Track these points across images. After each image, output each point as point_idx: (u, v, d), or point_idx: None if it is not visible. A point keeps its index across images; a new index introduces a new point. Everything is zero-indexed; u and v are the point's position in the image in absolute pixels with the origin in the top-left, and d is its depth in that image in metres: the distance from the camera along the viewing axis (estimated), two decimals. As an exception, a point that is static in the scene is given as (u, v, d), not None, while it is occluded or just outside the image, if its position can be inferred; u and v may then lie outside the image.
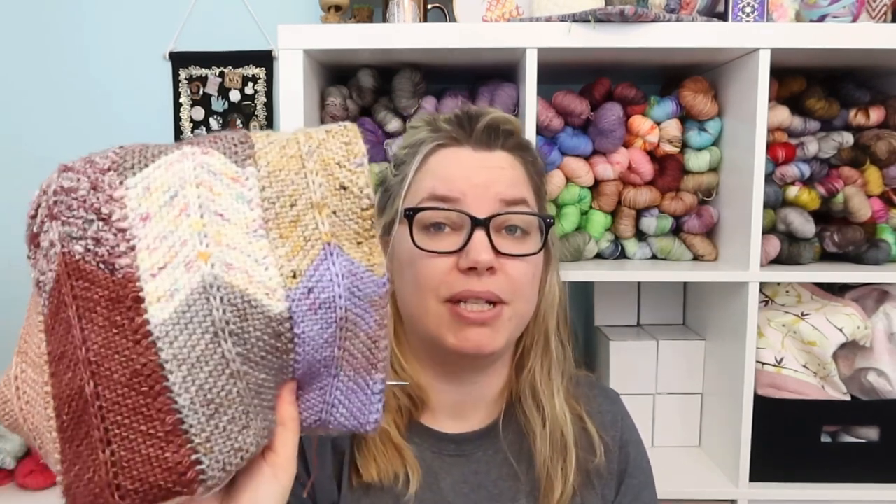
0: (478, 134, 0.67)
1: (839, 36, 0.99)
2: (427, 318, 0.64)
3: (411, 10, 1.14)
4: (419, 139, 0.69)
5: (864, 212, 1.10)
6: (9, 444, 1.13)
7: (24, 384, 0.40)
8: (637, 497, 0.74)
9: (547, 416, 0.69)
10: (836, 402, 1.06)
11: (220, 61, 1.37)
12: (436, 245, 0.64)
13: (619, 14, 0.96)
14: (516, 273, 0.64)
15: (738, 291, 1.05)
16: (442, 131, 0.68)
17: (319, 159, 0.43)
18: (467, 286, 0.62)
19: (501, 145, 0.68)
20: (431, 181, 0.65)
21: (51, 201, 0.40)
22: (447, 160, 0.67)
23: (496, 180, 0.65)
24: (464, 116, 0.69)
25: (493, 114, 0.68)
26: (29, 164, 1.40)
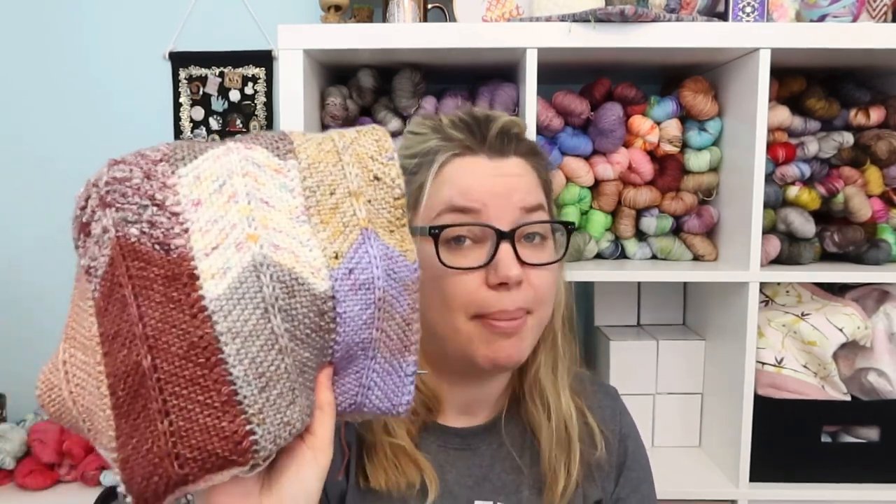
0: (491, 141, 0.65)
1: (839, 36, 0.99)
2: (456, 335, 0.64)
3: (411, 10, 1.14)
4: (430, 148, 0.65)
5: (864, 212, 1.10)
6: (8, 445, 1.14)
7: (73, 367, 0.42)
8: (636, 490, 0.75)
9: (552, 411, 0.70)
10: (836, 402, 1.06)
11: (220, 61, 1.37)
12: (461, 261, 0.62)
13: (619, 14, 0.96)
14: (540, 282, 0.64)
15: (739, 291, 1.05)
16: (454, 140, 0.65)
17: (354, 153, 0.46)
18: (500, 304, 0.62)
19: (514, 151, 0.66)
20: (448, 192, 0.63)
21: (103, 191, 0.41)
22: (463, 170, 0.64)
23: (515, 188, 0.64)
24: (473, 122, 0.66)
25: (503, 118, 0.67)
26: (29, 164, 1.41)
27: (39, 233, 1.41)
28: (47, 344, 1.61)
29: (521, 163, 0.66)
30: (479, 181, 0.63)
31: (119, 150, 1.52)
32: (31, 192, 1.41)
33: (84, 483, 1.14)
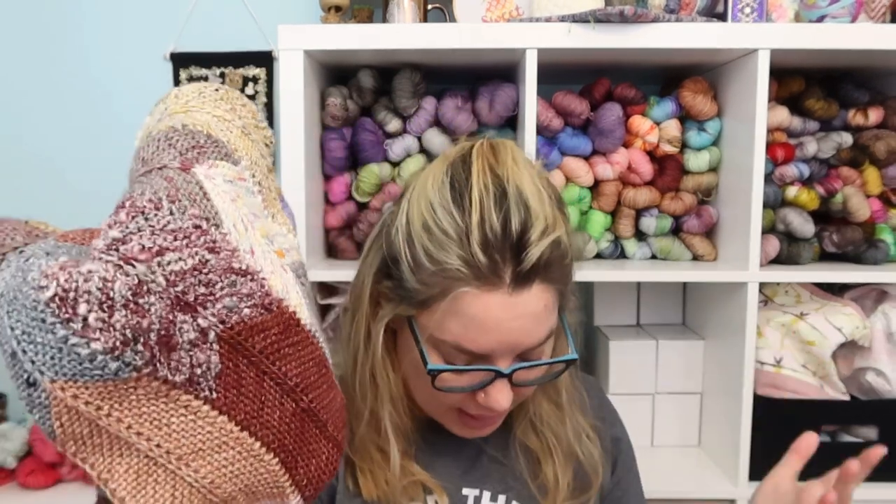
0: (519, 274, 0.57)
1: (838, 36, 0.99)
2: (437, 415, 0.68)
3: (411, 10, 1.14)
4: (448, 266, 0.57)
5: (863, 212, 1.10)
6: (10, 444, 1.14)
7: (203, 478, 0.39)
8: (626, 473, 0.77)
9: (560, 452, 0.71)
10: (835, 401, 1.06)
11: (221, 61, 1.37)
12: (456, 383, 0.62)
13: (618, 14, 0.97)
14: (527, 393, 0.67)
15: (738, 291, 1.05)
16: (475, 267, 0.57)
17: (252, 129, 0.50)
18: (482, 412, 0.63)
19: (541, 277, 0.59)
20: (458, 329, 0.59)
21: (174, 293, 0.36)
22: (478, 310, 0.58)
23: (527, 333, 0.60)
24: (503, 244, 0.57)
25: (539, 247, 0.57)
26: (29, 164, 1.41)
27: (40, 233, 1.41)
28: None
29: (545, 292, 0.60)
30: (492, 329, 0.58)
31: (119, 150, 1.53)
32: (31, 192, 1.41)
33: (85, 482, 1.15)
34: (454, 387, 0.61)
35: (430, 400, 0.66)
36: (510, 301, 0.58)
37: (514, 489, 0.70)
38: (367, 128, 1.11)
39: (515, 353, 0.60)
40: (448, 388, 0.61)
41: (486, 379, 0.60)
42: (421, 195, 0.61)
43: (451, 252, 0.57)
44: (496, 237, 0.57)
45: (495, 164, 0.60)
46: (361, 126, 1.11)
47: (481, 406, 0.62)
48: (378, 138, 1.12)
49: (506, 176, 0.59)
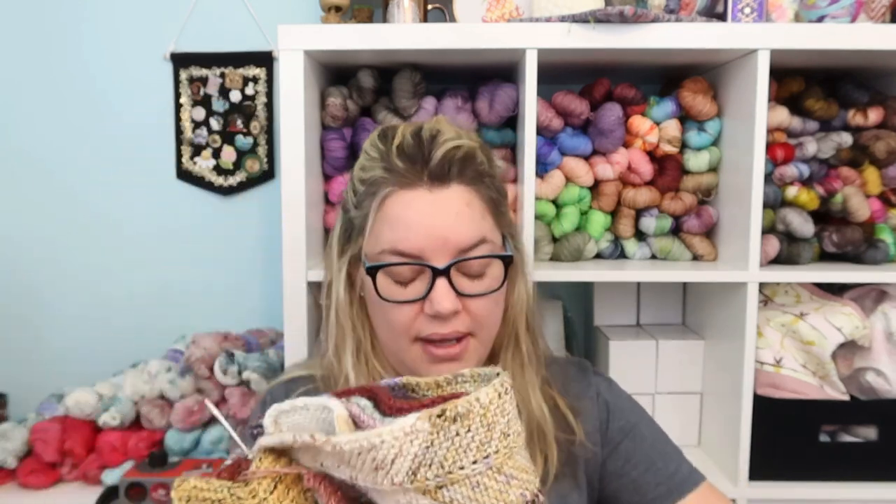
0: (432, 171, 0.66)
1: (838, 36, 0.99)
2: (401, 353, 0.70)
3: (411, 10, 1.14)
4: (374, 178, 0.68)
5: (862, 212, 1.10)
6: (10, 444, 1.14)
7: None
8: (629, 434, 0.75)
9: (522, 412, 0.71)
10: (834, 401, 1.06)
11: (221, 62, 1.37)
12: (401, 294, 0.67)
13: (618, 15, 0.97)
14: (479, 310, 0.68)
15: (738, 291, 1.05)
16: (395, 171, 0.67)
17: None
18: (434, 329, 0.66)
19: (457, 178, 0.67)
20: (390, 233, 0.66)
21: None
22: (403, 209, 0.66)
23: (453, 228, 0.65)
24: (416, 148, 0.67)
25: (447, 144, 0.66)
26: (30, 164, 1.41)
27: (40, 233, 1.41)
28: (48, 344, 1.62)
29: (464, 192, 0.67)
30: (418, 222, 0.65)
31: (120, 150, 1.53)
32: (31, 192, 1.41)
33: (85, 482, 1.15)
34: (398, 298, 0.66)
35: (389, 333, 0.69)
36: (430, 197, 0.66)
37: None
38: (367, 128, 1.11)
39: (449, 253, 0.65)
40: (393, 298, 0.66)
41: (427, 284, 0.65)
42: (361, 154, 0.73)
43: (376, 168, 0.68)
44: (410, 146, 0.67)
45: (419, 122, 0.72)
46: (361, 126, 1.11)
47: (432, 320, 0.65)
48: (378, 138, 1.12)
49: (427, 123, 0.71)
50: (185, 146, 1.40)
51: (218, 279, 1.43)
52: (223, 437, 1.18)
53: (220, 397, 1.18)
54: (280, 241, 1.01)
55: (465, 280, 0.67)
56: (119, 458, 1.14)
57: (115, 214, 1.42)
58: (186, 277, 1.43)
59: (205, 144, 1.40)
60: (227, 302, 1.43)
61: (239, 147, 1.39)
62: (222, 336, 1.24)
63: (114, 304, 1.43)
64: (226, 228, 1.43)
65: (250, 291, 1.44)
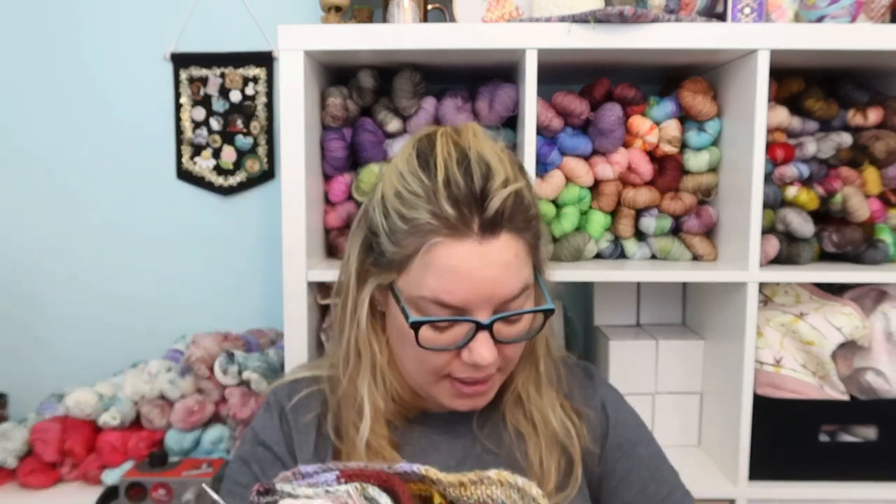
0: (485, 222, 0.62)
1: (838, 37, 0.99)
2: (427, 387, 0.69)
3: (411, 10, 1.14)
4: (419, 221, 0.62)
5: (862, 212, 1.10)
6: (10, 444, 1.14)
7: None
8: (627, 454, 0.74)
9: (540, 428, 0.71)
10: (834, 401, 1.07)
11: (221, 62, 1.37)
12: (439, 341, 0.64)
13: (618, 15, 0.97)
14: (512, 352, 0.67)
15: (737, 291, 1.05)
16: (444, 218, 0.61)
17: None
18: (469, 373, 0.65)
19: (507, 227, 0.63)
20: (435, 282, 0.62)
21: None
22: (451, 260, 0.62)
23: (500, 282, 0.63)
24: (468, 194, 0.62)
25: (501, 193, 0.62)
26: (30, 164, 1.41)
27: (40, 233, 1.41)
28: (48, 344, 1.62)
29: (512, 241, 0.63)
30: (465, 278, 0.62)
31: (120, 150, 1.54)
32: (31, 192, 1.41)
33: (86, 482, 1.15)
34: (437, 345, 0.64)
35: (418, 369, 0.68)
36: (480, 249, 0.62)
37: None
38: (367, 128, 1.11)
39: (493, 305, 0.63)
40: (431, 346, 0.64)
41: (468, 333, 0.63)
42: (392, 170, 0.67)
43: (420, 209, 0.62)
44: (460, 190, 0.62)
45: (457, 138, 0.66)
46: (361, 126, 1.11)
47: (467, 365, 0.64)
48: (378, 138, 1.12)
49: (467, 144, 0.65)
50: (186, 146, 1.40)
51: (218, 279, 1.43)
52: (223, 437, 1.18)
53: (220, 397, 1.19)
54: (280, 241, 1.01)
55: (504, 326, 0.65)
56: (119, 458, 1.14)
57: (115, 214, 1.42)
58: (186, 277, 1.43)
59: (205, 144, 1.40)
60: (227, 302, 1.43)
61: (239, 147, 1.39)
62: (222, 336, 1.24)
63: (114, 305, 1.43)
64: (226, 228, 1.43)
65: (250, 291, 1.44)
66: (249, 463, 0.71)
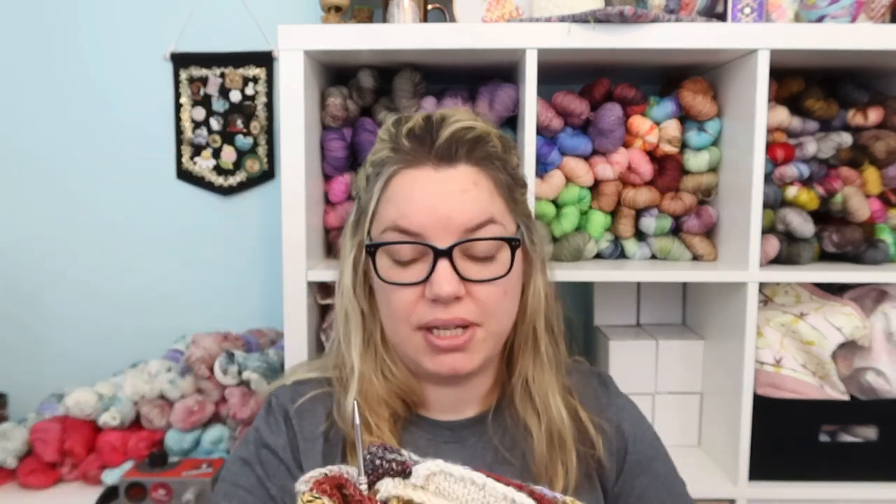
0: (438, 150, 0.64)
1: (838, 37, 0.99)
2: (404, 344, 0.67)
3: (411, 10, 1.14)
4: (381, 158, 0.67)
5: (862, 212, 1.10)
6: (10, 444, 1.14)
7: None
8: (645, 471, 0.73)
9: (542, 417, 0.69)
10: (834, 401, 1.07)
11: (221, 62, 1.37)
12: (401, 276, 0.64)
13: (618, 15, 0.97)
14: (485, 296, 0.64)
15: (738, 291, 1.05)
16: (402, 150, 0.65)
17: None
18: (435, 315, 0.63)
19: (465, 159, 0.65)
20: (393, 210, 0.64)
21: None
22: (407, 186, 0.64)
23: (458, 208, 0.63)
24: (424, 129, 0.66)
25: (455, 125, 0.65)
26: (30, 164, 1.41)
27: (40, 233, 1.41)
28: (48, 344, 1.62)
29: (471, 172, 0.65)
30: (422, 200, 0.63)
31: (120, 150, 1.54)
32: (31, 192, 1.41)
33: (85, 482, 1.15)
34: (399, 280, 0.64)
35: (392, 322, 0.67)
36: (436, 176, 0.64)
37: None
38: (367, 128, 1.11)
39: (452, 234, 0.63)
40: (393, 280, 0.64)
41: (429, 266, 0.63)
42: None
43: (384, 149, 0.68)
44: (419, 127, 0.66)
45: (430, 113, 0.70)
46: (361, 126, 1.11)
47: (433, 306, 0.63)
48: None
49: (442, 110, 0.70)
50: (186, 146, 1.40)
51: (218, 279, 1.43)
52: (223, 437, 1.18)
53: (220, 397, 1.19)
54: (280, 241, 1.01)
55: (471, 264, 0.64)
56: (119, 458, 1.14)
57: (115, 214, 1.42)
58: (186, 277, 1.43)
59: (205, 144, 1.40)
60: (227, 302, 1.43)
61: (239, 147, 1.39)
62: (222, 336, 1.24)
63: (114, 305, 1.43)
64: (226, 228, 1.43)
65: (250, 291, 1.44)
66: (252, 465, 0.68)
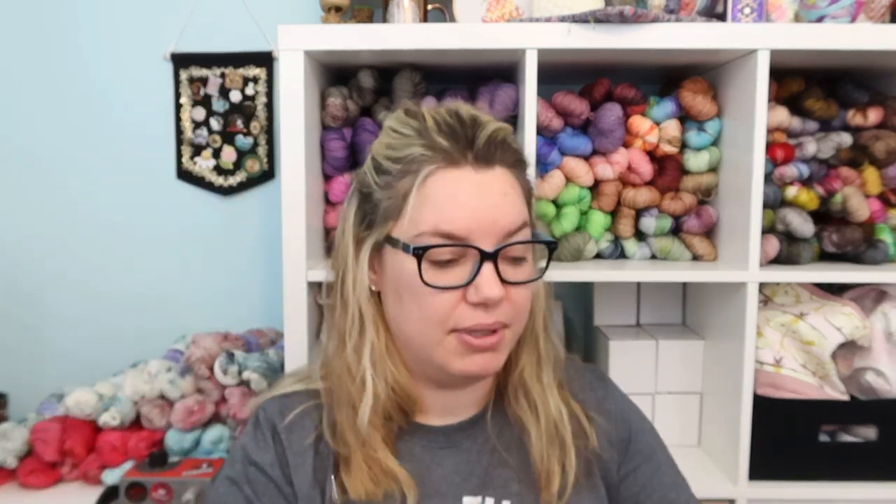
0: (478, 151, 0.63)
1: (838, 37, 0.99)
2: (433, 347, 0.64)
3: (411, 10, 1.14)
4: (414, 157, 0.63)
5: (862, 212, 1.10)
6: (10, 443, 1.14)
7: None
8: (648, 459, 0.73)
9: (541, 414, 0.69)
10: (834, 401, 1.07)
11: (221, 62, 1.37)
12: (443, 279, 0.62)
13: (618, 15, 0.97)
14: (520, 299, 0.65)
15: (737, 291, 1.05)
16: (437, 148, 0.63)
17: None
18: (477, 320, 0.62)
19: (500, 161, 0.64)
20: (434, 214, 0.61)
21: None
22: (448, 187, 0.62)
23: (501, 210, 0.62)
24: (459, 128, 0.64)
25: (491, 124, 0.64)
26: (30, 164, 1.41)
27: (40, 233, 1.41)
28: (48, 344, 1.62)
29: (507, 175, 0.65)
30: (466, 202, 0.62)
31: (120, 150, 1.54)
32: (31, 192, 1.41)
33: (86, 482, 1.15)
34: (441, 283, 0.62)
35: (423, 324, 0.64)
36: (477, 177, 0.62)
37: (519, 494, 0.68)
38: (367, 128, 1.11)
39: (495, 237, 0.62)
40: (435, 284, 0.61)
41: (473, 269, 0.61)
42: (381, 134, 0.69)
43: (413, 146, 0.63)
44: (451, 124, 0.64)
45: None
46: (361, 126, 1.11)
47: (475, 309, 0.61)
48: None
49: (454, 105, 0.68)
50: (186, 146, 1.40)
51: (218, 279, 1.43)
52: (223, 437, 1.18)
53: (220, 397, 1.19)
54: (280, 241, 1.01)
55: (509, 267, 0.63)
56: (119, 458, 1.14)
57: (115, 215, 1.42)
58: (186, 277, 1.43)
59: (205, 144, 1.40)
60: (227, 302, 1.43)
61: (239, 147, 1.39)
62: (222, 336, 1.24)
63: (114, 305, 1.43)
64: (226, 228, 1.43)
65: (250, 291, 1.44)
66: (240, 484, 0.67)
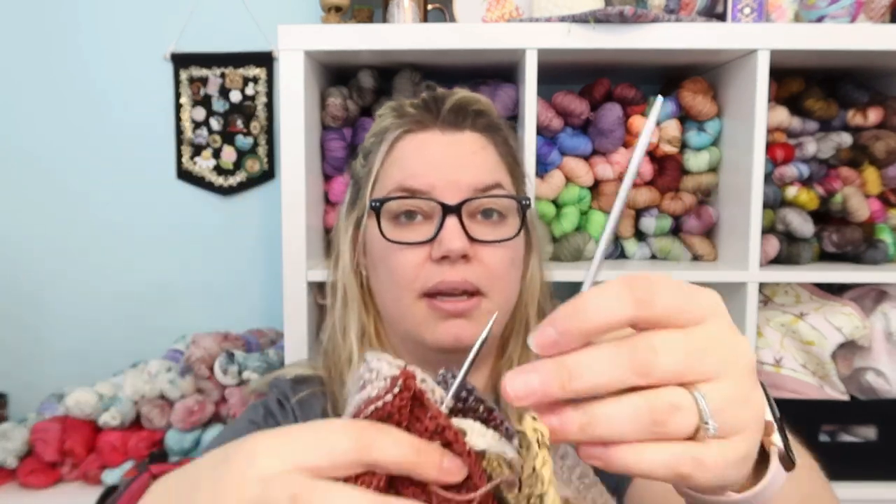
0: (445, 115, 0.64)
1: (838, 37, 0.99)
2: (404, 316, 0.63)
3: (411, 10, 1.14)
4: (384, 126, 0.66)
5: (862, 212, 1.10)
6: (10, 443, 1.14)
7: None
8: None
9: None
10: (834, 401, 1.07)
11: (221, 62, 1.37)
12: (406, 236, 0.62)
13: (618, 15, 0.97)
14: (493, 260, 0.62)
15: (737, 291, 1.05)
16: (407, 116, 0.65)
17: None
18: (443, 275, 0.60)
19: (471, 126, 0.65)
20: (399, 172, 0.63)
21: None
22: (414, 147, 0.64)
23: (466, 166, 0.62)
24: (430, 99, 0.66)
25: (461, 94, 0.66)
26: (30, 165, 1.41)
27: (40, 233, 1.41)
28: (48, 344, 1.62)
29: (478, 138, 0.65)
30: (430, 159, 0.62)
31: (120, 150, 1.53)
32: (31, 192, 1.41)
33: (86, 482, 1.15)
34: (405, 240, 0.61)
35: (394, 290, 0.63)
36: (443, 138, 0.64)
37: None
38: (366, 128, 1.11)
39: (461, 193, 0.61)
40: (398, 240, 0.61)
41: (437, 224, 0.61)
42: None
43: (386, 118, 0.67)
44: (424, 98, 0.67)
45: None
46: (361, 126, 1.11)
47: (440, 267, 0.60)
48: (378, 138, 1.12)
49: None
50: (186, 146, 1.40)
51: (218, 279, 1.43)
52: (223, 437, 1.18)
53: (220, 397, 1.19)
54: (280, 241, 1.01)
55: (479, 226, 0.62)
56: (119, 458, 1.14)
57: (115, 214, 1.42)
58: (186, 277, 1.43)
59: (205, 144, 1.40)
60: (227, 302, 1.43)
61: (239, 147, 1.39)
62: (222, 336, 1.24)
63: (114, 304, 1.43)
64: (226, 228, 1.43)
65: (250, 291, 1.44)
66: (261, 427, 0.65)
